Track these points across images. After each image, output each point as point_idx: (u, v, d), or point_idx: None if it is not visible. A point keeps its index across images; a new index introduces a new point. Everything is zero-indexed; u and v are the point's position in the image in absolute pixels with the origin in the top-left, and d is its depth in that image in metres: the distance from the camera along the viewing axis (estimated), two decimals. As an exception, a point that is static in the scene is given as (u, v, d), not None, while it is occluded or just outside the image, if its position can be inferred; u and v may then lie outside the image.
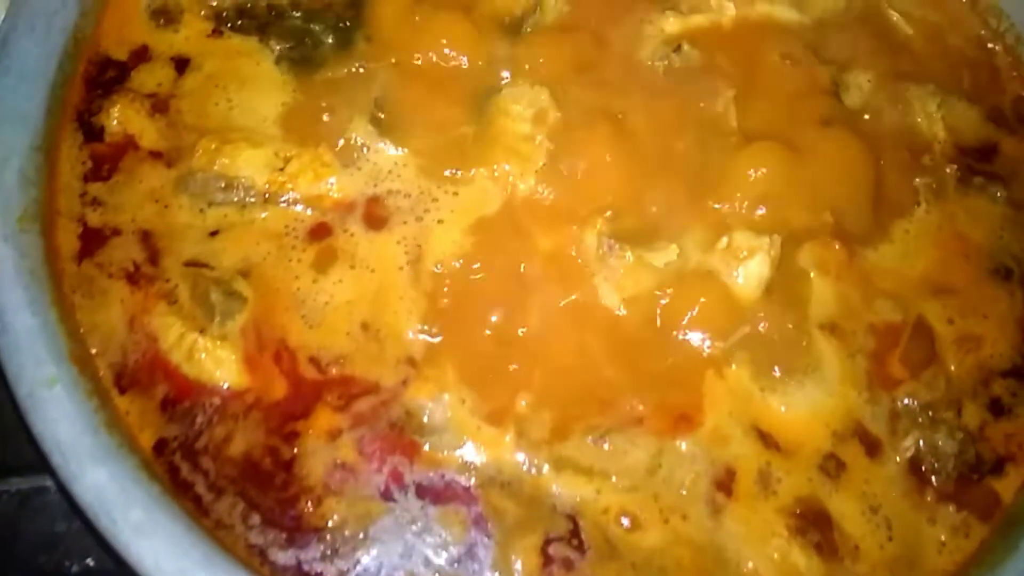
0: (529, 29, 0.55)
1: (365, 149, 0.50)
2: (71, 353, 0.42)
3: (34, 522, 0.51)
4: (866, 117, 0.56)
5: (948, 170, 0.55)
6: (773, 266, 0.49)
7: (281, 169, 0.48)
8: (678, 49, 0.56)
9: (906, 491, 0.45)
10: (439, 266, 0.48)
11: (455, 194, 0.50)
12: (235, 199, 0.48)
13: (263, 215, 0.48)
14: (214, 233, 0.47)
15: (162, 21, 0.53)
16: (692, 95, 0.55)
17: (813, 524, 0.44)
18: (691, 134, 0.53)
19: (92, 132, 0.49)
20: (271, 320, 0.45)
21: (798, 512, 0.44)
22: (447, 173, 0.50)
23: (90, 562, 0.52)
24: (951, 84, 0.59)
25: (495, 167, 0.50)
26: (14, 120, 0.46)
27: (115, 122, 0.49)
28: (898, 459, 0.46)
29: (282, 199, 0.48)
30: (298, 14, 0.54)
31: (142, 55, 0.52)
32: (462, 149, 0.51)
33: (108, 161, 0.49)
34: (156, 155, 0.49)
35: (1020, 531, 0.44)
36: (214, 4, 0.53)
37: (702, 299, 0.48)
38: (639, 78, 0.55)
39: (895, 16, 0.61)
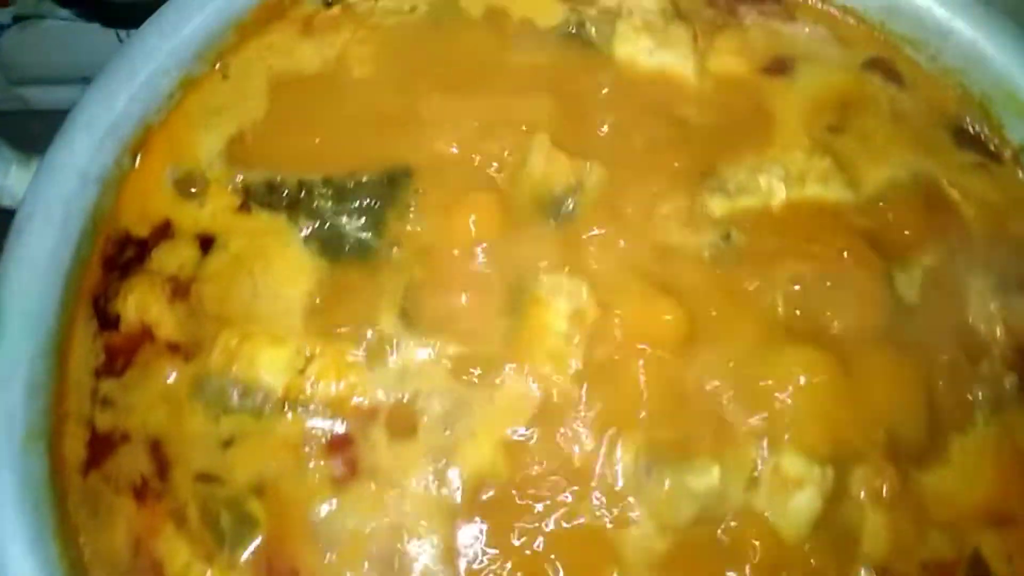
0: (570, 211, 0.53)
1: (391, 346, 0.48)
2: (70, 588, 0.39)
3: None
4: (921, 314, 0.54)
5: (1008, 381, 0.53)
6: (825, 500, 0.46)
7: (302, 371, 0.46)
8: (727, 237, 0.54)
9: None
10: (467, 483, 0.46)
11: (487, 399, 0.48)
12: (252, 405, 0.46)
13: (281, 424, 0.46)
14: (228, 443, 0.45)
15: (187, 192, 0.51)
16: (739, 286, 0.53)
17: None
18: (736, 334, 0.51)
19: (107, 320, 0.48)
20: (284, 548, 0.43)
21: None
22: (477, 373, 0.48)
23: None
24: (1011, 275, 0.56)
25: (530, 369, 0.48)
26: (24, 324, 0.44)
27: (132, 309, 0.48)
28: None
29: (302, 406, 0.46)
30: (329, 191, 0.52)
31: (164, 231, 0.50)
32: (496, 347, 0.49)
33: (122, 354, 0.47)
34: (173, 348, 0.47)
35: None
36: (242, 177, 0.52)
37: (744, 533, 0.46)
38: (684, 268, 0.53)
39: (955, 194, 0.59)
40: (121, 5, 0.73)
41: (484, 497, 0.46)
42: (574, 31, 0.61)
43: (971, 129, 0.61)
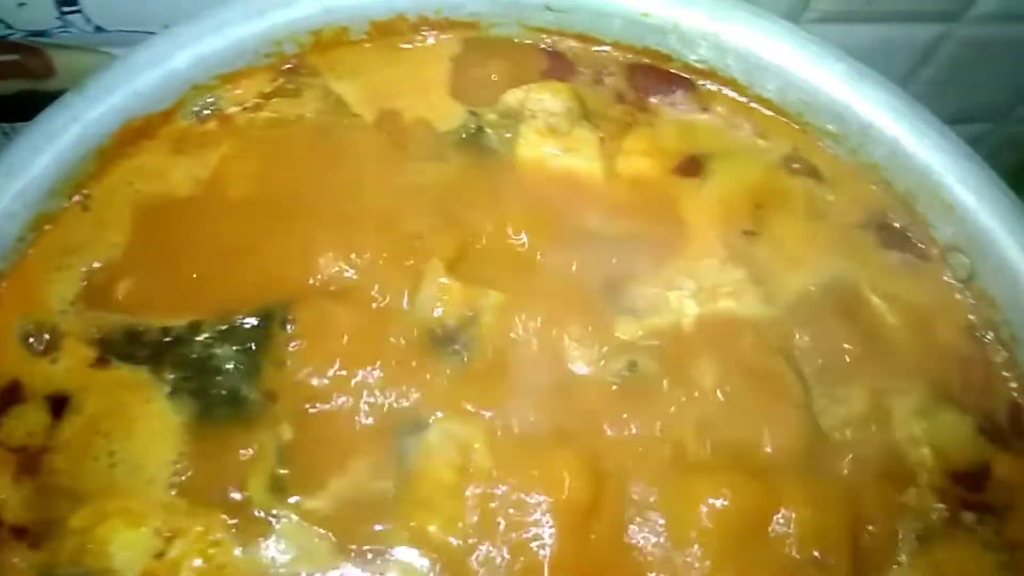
0: (464, 346, 0.51)
1: (263, 518, 0.45)
2: None
3: None
4: (843, 441, 0.52)
5: (935, 513, 0.51)
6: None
7: (161, 555, 0.43)
8: (635, 366, 0.52)
9: None
10: None
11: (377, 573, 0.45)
12: (105, 603, 0.43)
13: (137, 620, 0.43)
14: (79, 647, 0.42)
15: (38, 348, 0.48)
16: (649, 421, 0.50)
17: None
18: (645, 471, 0.49)
19: (-55, 504, 0.44)
20: None
21: None
22: (364, 547, 0.45)
23: None
24: (940, 388, 0.55)
25: (419, 535, 0.46)
26: None
27: (-28, 491, 0.44)
28: None
29: (161, 595, 0.43)
30: (197, 337, 0.49)
31: (13, 394, 0.47)
32: (381, 512, 0.46)
33: (-42, 544, 0.43)
34: (19, 532, 0.44)
35: None
36: (99, 327, 0.48)
37: None
38: (591, 403, 0.50)
39: (876, 301, 0.57)
40: (4, 101, 0.70)
41: None
42: (474, 135, 0.58)
43: (896, 228, 0.59)
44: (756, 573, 0.47)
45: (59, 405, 0.47)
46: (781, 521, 0.48)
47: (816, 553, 0.48)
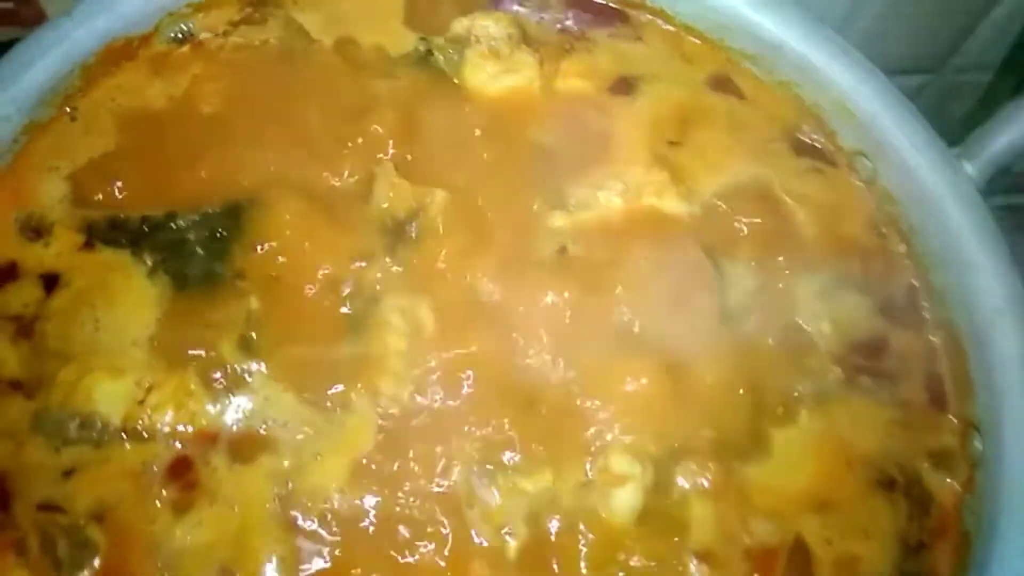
0: (413, 234, 0.58)
1: (233, 373, 0.52)
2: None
3: None
4: (750, 317, 0.59)
5: (832, 374, 0.58)
6: (646, 495, 0.51)
7: (141, 401, 0.50)
8: (564, 250, 0.59)
9: None
10: (310, 501, 0.50)
11: (333, 423, 0.52)
12: (91, 436, 0.50)
13: (121, 452, 0.50)
14: (69, 473, 0.49)
15: (32, 235, 0.55)
16: (575, 298, 0.57)
17: None
18: (571, 343, 0.56)
19: (-51, 361, 0.51)
20: (125, 568, 0.47)
21: None
22: (321, 399, 0.52)
23: None
24: (843, 272, 0.62)
25: (372, 391, 0.53)
26: None
27: (-27, 351, 0.51)
28: None
29: (141, 435, 0.50)
30: (174, 225, 0.56)
31: (10, 273, 0.54)
32: (339, 371, 0.53)
33: (-36, 395, 0.50)
34: (15, 386, 0.51)
35: None
36: (86, 215, 0.56)
37: (576, 528, 0.51)
38: (523, 284, 0.58)
39: (789, 200, 0.65)
40: None
41: (328, 517, 0.50)
42: (424, 58, 0.66)
43: (807, 139, 0.67)
44: (666, 430, 0.54)
45: (51, 282, 0.54)
46: (692, 386, 0.56)
47: (721, 418, 0.55)
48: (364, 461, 0.51)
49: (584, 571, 0.50)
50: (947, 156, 0.62)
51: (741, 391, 0.56)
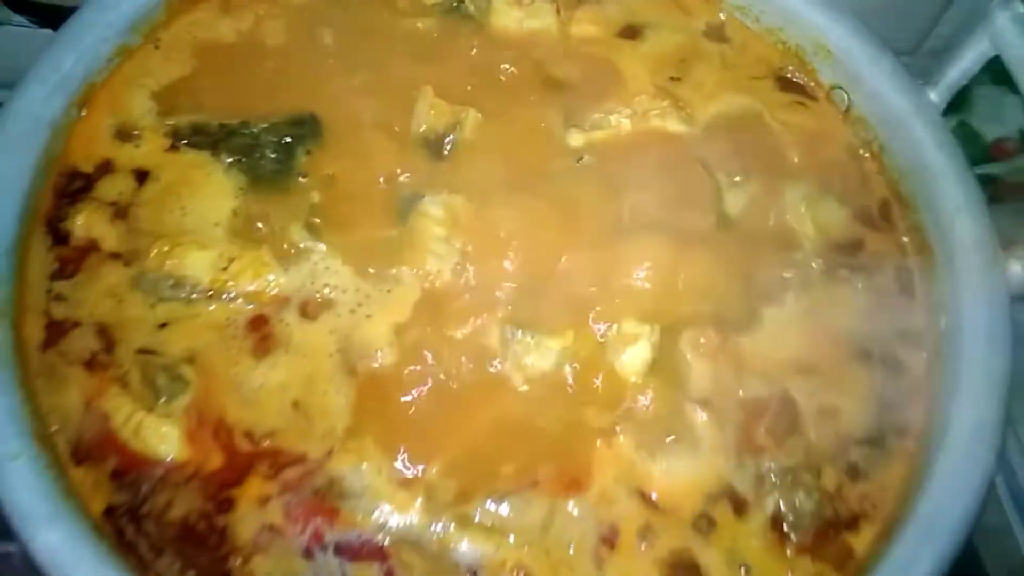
0: (450, 146, 0.67)
1: (301, 250, 0.61)
2: (33, 431, 0.51)
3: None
4: (745, 218, 0.68)
5: (815, 264, 0.67)
6: (654, 351, 0.59)
7: (224, 268, 0.59)
8: (580, 159, 0.68)
9: (768, 545, 0.55)
10: (365, 353, 0.58)
11: (384, 291, 0.60)
12: (182, 295, 0.58)
13: (207, 309, 0.58)
14: (163, 325, 0.57)
15: (125, 138, 0.64)
16: (591, 197, 0.66)
17: (685, 573, 0.53)
18: (590, 232, 0.65)
19: (59, 236, 0.59)
20: (211, 400, 0.55)
21: (672, 563, 0.53)
22: (374, 271, 0.61)
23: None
24: (825, 187, 0.71)
25: (416, 266, 0.61)
26: (-7, 229, 0.56)
27: (80, 228, 0.60)
28: (762, 516, 0.56)
29: (224, 295, 0.58)
30: (246, 131, 0.65)
31: (106, 168, 0.63)
32: (388, 250, 0.62)
33: (72, 262, 0.59)
34: (115, 256, 0.59)
35: (870, 581, 0.54)
36: (171, 123, 0.65)
37: (593, 379, 0.59)
38: (545, 185, 0.66)
39: (776, 125, 0.74)
40: (69, 12, 0.86)
41: (377, 364, 0.58)
42: (455, 5, 0.75)
43: (791, 76, 0.76)
44: (670, 305, 0.63)
45: (142, 176, 0.63)
46: (693, 270, 0.64)
47: (719, 297, 0.64)
48: (408, 322, 0.59)
49: (590, 414, 0.58)
50: (912, 83, 0.71)
51: (736, 276, 0.65)
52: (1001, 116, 1.18)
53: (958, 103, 1.11)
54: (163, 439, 0.53)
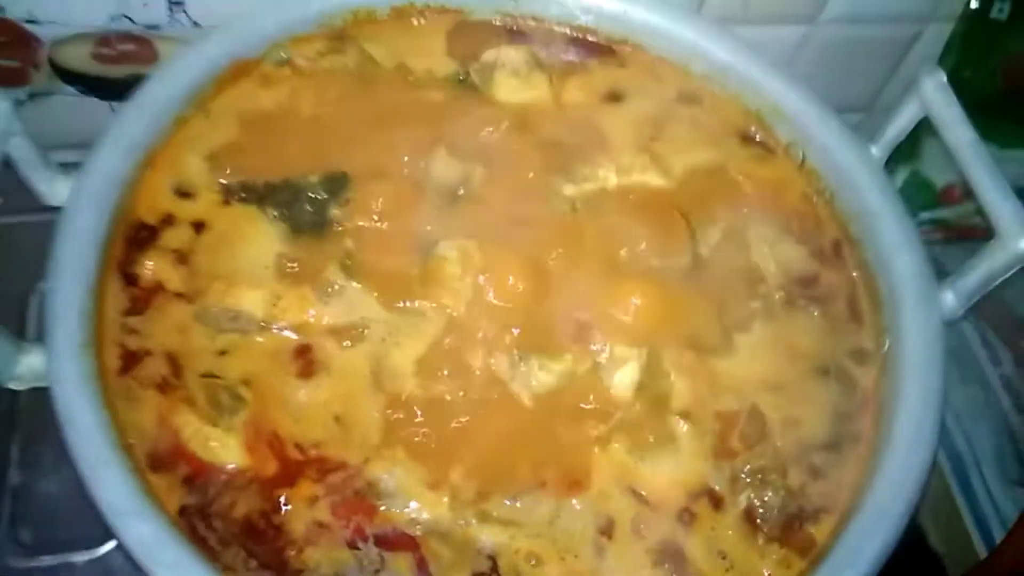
0: (461, 196, 0.77)
1: (338, 288, 0.70)
2: (118, 442, 0.59)
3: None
4: (716, 258, 0.78)
5: (777, 295, 0.76)
6: (642, 371, 0.68)
7: (274, 304, 0.68)
8: (574, 208, 0.78)
9: (742, 535, 0.64)
10: (394, 374, 0.67)
11: (411, 323, 0.69)
12: (239, 327, 0.67)
13: (260, 339, 0.67)
14: (223, 353, 0.66)
15: (183, 194, 0.73)
16: (584, 240, 0.76)
17: (671, 559, 0.62)
18: (585, 270, 0.74)
19: (130, 279, 0.68)
20: (266, 416, 0.64)
21: (660, 551, 0.62)
22: (400, 305, 0.70)
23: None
24: (784, 229, 0.81)
25: (436, 301, 0.71)
26: (76, 273, 0.65)
27: (148, 271, 0.69)
28: (736, 510, 0.65)
29: (274, 327, 0.67)
30: (287, 188, 0.74)
31: (169, 220, 0.72)
32: (412, 288, 0.71)
33: (142, 301, 0.67)
34: (179, 295, 0.68)
35: (829, 565, 0.62)
36: (224, 182, 0.74)
37: (590, 395, 0.68)
38: (544, 231, 0.76)
39: (740, 177, 0.84)
40: (114, 83, 0.97)
41: (405, 385, 0.67)
42: (463, 78, 0.86)
43: (753, 134, 0.87)
44: (655, 332, 0.72)
45: (199, 227, 0.72)
46: (672, 302, 0.74)
47: (695, 325, 0.74)
48: (431, 349, 0.69)
49: (588, 425, 0.67)
50: (856, 139, 0.82)
51: (710, 306, 0.74)
52: (949, 165, 1.31)
53: (909, 154, 1.24)
54: (226, 449, 0.61)
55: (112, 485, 0.57)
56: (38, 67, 0.94)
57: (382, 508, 0.61)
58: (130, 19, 0.92)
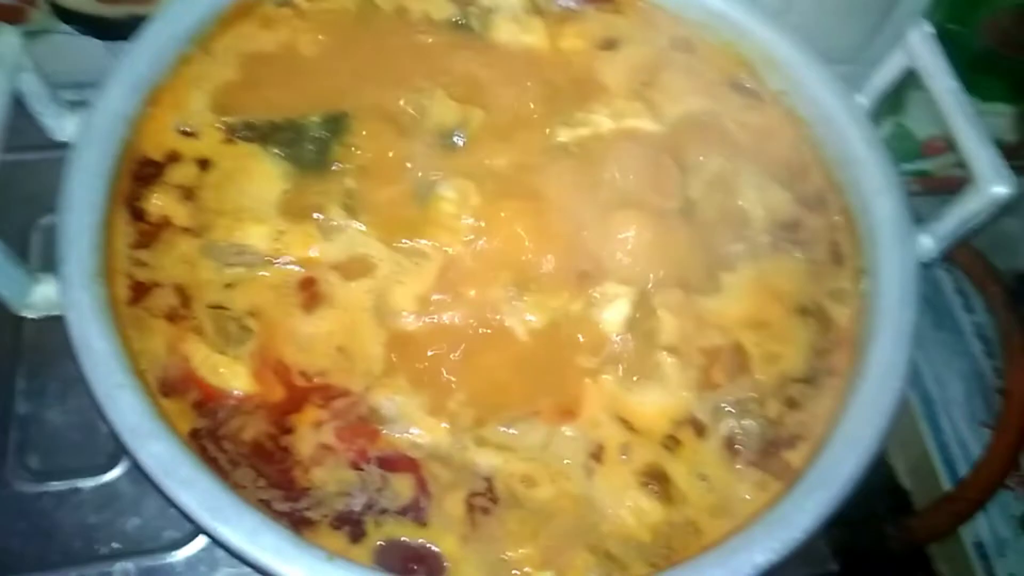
0: (459, 139, 0.79)
1: (339, 226, 0.72)
2: (131, 368, 0.61)
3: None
4: (705, 200, 0.80)
5: (762, 239, 0.79)
6: (632, 308, 0.71)
7: (277, 239, 0.70)
8: (566, 151, 0.80)
9: (723, 459, 0.67)
10: (395, 309, 0.69)
11: (407, 260, 0.71)
12: (245, 261, 0.69)
13: (266, 272, 0.69)
14: (230, 285, 0.68)
15: (187, 132, 0.74)
16: (578, 183, 0.78)
17: (656, 480, 0.65)
18: (577, 209, 0.76)
19: (137, 214, 0.70)
20: (272, 345, 0.66)
21: (646, 473, 0.65)
22: (401, 244, 0.72)
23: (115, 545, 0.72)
24: (771, 175, 0.83)
25: (435, 240, 0.73)
26: (85, 206, 0.66)
27: (155, 206, 0.70)
28: (718, 438, 0.68)
29: (279, 261, 0.69)
30: (289, 127, 0.76)
31: (174, 157, 0.73)
32: (412, 226, 0.73)
33: (150, 235, 0.69)
34: (186, 230, 0.70)
35: (802, 486, 0.66)
36: (225, 120, 0.75)
37: (582, 330, 0.71)
38: (539, 172, 0.78)
39: (731, 124, 0.86)
40: (112, 22, 0.97)
41: (405, 319, 0.69)
42: (461, 22, 0.87)
43: (744, 83, 0.89)
44: (644, 270, 0.75)
45: (204, 164, 0.73)
46: (662, 241, 0.76)
47: (684, 265, 0.76)
48: (431, 286, 0.71)
49: (580, 358, 0.70)
50: (844, 88, 0.84)
51: (698, 248, 0.77)
52: (932, 119, 1.33)
53: (894, 106, 1.26)
54: (234, 376, 0.64)
55: (127, 407, 0.59)
56: (36, 5, 0.94)
57: (384, 432, 0.64)
58: (127, -43, 0.92)
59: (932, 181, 1.30)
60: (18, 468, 0.80)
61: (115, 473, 0.79)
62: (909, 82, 0.86)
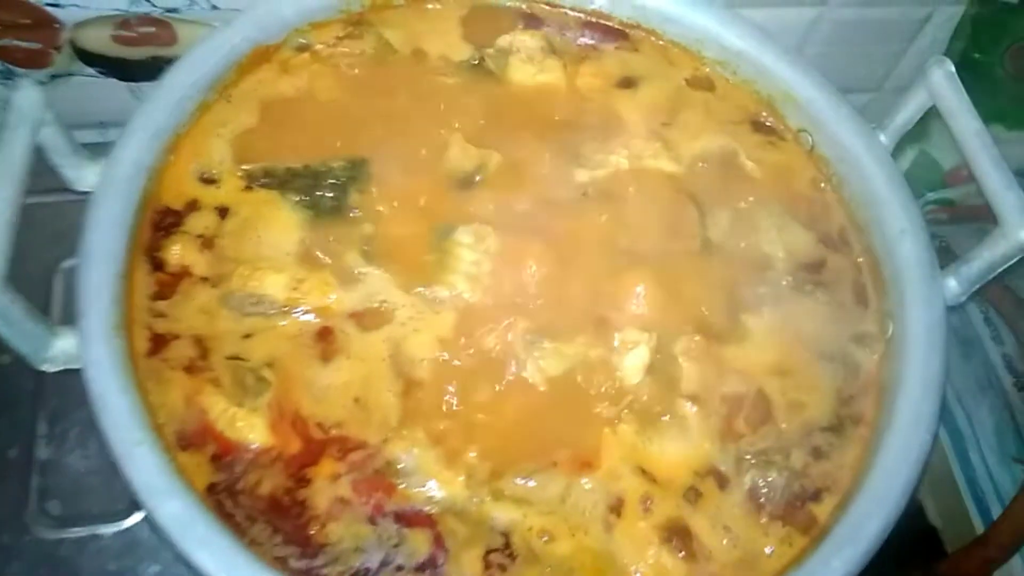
0: (477, 182, 0.78)
1: (358, 274, 0.71)
2: (149, 423, 0.61)
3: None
4: (726, 242, 0.79)
5: (785, 281, 0.77)
6: (652, 354, 0.69)
7: (295, 288, 0.69)
8: (585, 193, 0.79)
9: (746, 512, 0.65)
10: (412, 358, 0.68)
11: (425, 307, 0.70)
12: (263, 311, 0.68)
13: (283, 323, 0.68)
14: (248, 336, 0.67)
15: (206, 180, 0.74)
16: (596, 225, 0.77)
17: (678, 536, 0.63)
18: (593, 255, 0.75)
19: (157, 264, 0.69)
20: (289, 397, 0.65)
21: (667, 528, 0.63)
22: (418, 290, 0.71)
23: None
24: (792, 215, 0.82)
25: (452, 286, 0.72)
26: (105, 258, 0.66)
27: (174, 256, 0.70)
28: (741, 490, 0.66)
29: (296, 310, 0.69)
30: (307, 173, 0.75)
31: (193, 205, 0.73)
32: (428, 272, 0.72)
33: (169, 285, 0.69)
34: (205, 279, 0.69)
35: (829, 543, 0.64)
36: (245, 167, 0.75)
37: (600, 378, 0.69)
38: (557, 216, 0.77)
39: (750, 163, 0.85)
40: (134, 64, 0.97)
41: (423, 368, 0.68)
42: (477, 64, 0.86)
43: (764, 121, 0.87)
44: (666, 316, 0.73)
45: (223, 212, 0.73)
46: (683, 288, 0.75)
47: (704, 310, 0.75)
48: (448, 334, 0.70)
49: (599, 407, 0.68)
50: (865, 127, 0.82)
51: (719, 291, 0.75)
52: (956, 147, 1.31)
53: (917, 135, 1.23)
54: (252, 429, 0.63)
55: (144, 465, 0.58)
56: (59, 49, 0.94)
57: (401, 486, 0.63)
58: (150, 1, 0.93)
59: (957, 210, 1.27)
60: (39, 514, 0.79)
61: (135, 519, 0.78)
62: (933, 110, 0.84)
